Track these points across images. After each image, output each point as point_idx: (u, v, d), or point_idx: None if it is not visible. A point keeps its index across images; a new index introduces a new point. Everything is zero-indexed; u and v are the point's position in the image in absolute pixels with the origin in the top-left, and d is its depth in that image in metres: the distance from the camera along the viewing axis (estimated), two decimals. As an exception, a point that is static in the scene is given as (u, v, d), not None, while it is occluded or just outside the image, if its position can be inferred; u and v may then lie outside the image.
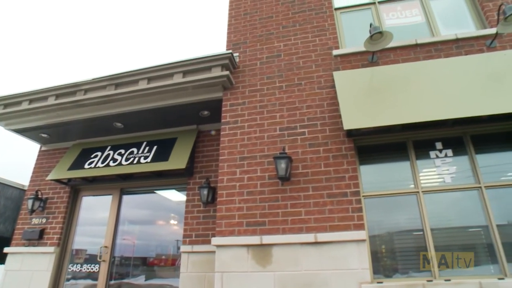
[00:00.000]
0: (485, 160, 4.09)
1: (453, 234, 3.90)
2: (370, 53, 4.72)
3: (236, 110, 4.84)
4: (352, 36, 5.21)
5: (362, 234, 3.78)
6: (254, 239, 3.99)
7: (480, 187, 3.92)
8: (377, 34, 4.25)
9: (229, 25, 5.63)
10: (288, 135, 4.49)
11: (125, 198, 6.05)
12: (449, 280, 3.53)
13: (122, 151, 5.85)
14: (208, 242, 4.79)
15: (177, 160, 5.24)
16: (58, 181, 6.00)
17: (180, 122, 5.78)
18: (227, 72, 4.82)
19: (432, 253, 3.72)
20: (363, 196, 4.08)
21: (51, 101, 5.56)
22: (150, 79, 5.18)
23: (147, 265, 5.66)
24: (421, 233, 3.85)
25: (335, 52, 4.90)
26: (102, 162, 5.75)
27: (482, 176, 3.98)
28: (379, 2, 5.50)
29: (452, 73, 4.26)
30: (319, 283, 3.68)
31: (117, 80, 5.30)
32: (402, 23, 5.25)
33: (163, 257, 5.70)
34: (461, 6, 5.24)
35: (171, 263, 5.53)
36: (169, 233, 5.83)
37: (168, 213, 5.98)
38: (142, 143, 5.86)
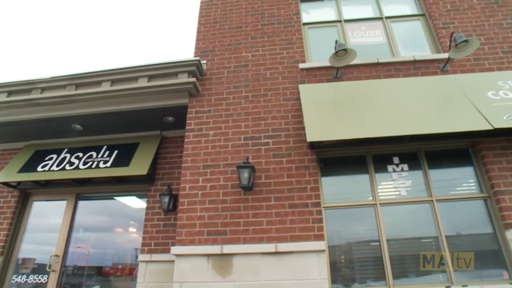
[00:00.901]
0: (437, 175, 4.35)
1: (407, 244, 4.08)
2: (334, 69, 4.88)
3: (202, 117, 4.80)
4: (318, 51, 5.38)
5: (322, 245, 3.84)
6: (215, 249, 3.94)
7: (432, 200, 4.15)
8: (341, 51, 4.41)
9: (198, 32, 5.61)
10: (252, 145, 4.51)
11: (81, 203, 5.75)
12: (403, 289, 3.69)
13: (80, 154, 5.58)
14: (168, 251, 4.66)
15: (139, 166, 5.09)
16: (6, 184, 5.59)
17: (144, 127, 5.63)
18: (193, 79, 4.79)
19: (387, 263, 3.86)
20: (323, 207, 4.17)
21: (3, 98, 5.20)
22: (113, 81, 5.02)
23: (102, 274, 5.38)
24: (378, 243, 3.99)
25: (302, 65, 5.03)
26: (58, 166, 5.45)
27: (434, 190, 4.22)
28: (345, 21, 5.74)
29: (409, 92, 4.51)
30: (279, 293, 3.69)
31: (78, 80, 5.08)
32: (366, 42, 5.50)
33: (120, 266, 5.46)
34: (418, 30, 5.59)
35: (128, 273, 5.30)
36: (127, 241, 5.61)
37: (127, 221, 5.76)
38: (102, 147, 5.63)
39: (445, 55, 4.88)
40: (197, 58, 4.88)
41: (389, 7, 5.89)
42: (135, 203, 5.77)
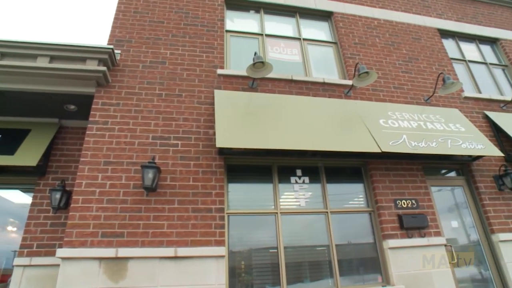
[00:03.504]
0: (333, 189, 4.79)
1: (302, 252, 4.36)
2: (251, 79, 5.04)
3: (108, 110, 4.47)
4: (238, 60, 5.51)
5: (222, 250, 3.88)
6: (109, 252, 3.67)
7: (327, 212, 4.55)
8: (259, 63, 4.57)
9: (115, 19, 5.25)
10: (160, 145, 4.36)
11: None
12: (293, 294, 3.93)
13: None
14: (54, 254, 4.21)
15: (27, 156, 4.48)
16: None
17: (38, 113, 5.00)
18: (104, 68, 4.44)
19: (283, 269, 4.07)
20: (227, 213, 4.23)
21: None
22: (4, 55, 4.36)
23: (-37, 283, 4.56)
24: (276, 250, 4.19)
25: (220, 71, 5.08)
26: None
27: (329, 202, 4.63)
28: (266, 35, 5.98)
29: (316, 111, 4.89)
30: (173, 299, 3.60)
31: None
32: (283, 58, 5.81)
33: (-11, 271, 4.70)
34: (330, 56, 6.14)
35: (0, 280, 4.59)
36: (3, 242, 4.85)
37: (6, 218, 4.99)
38: (-20, 129, 4.83)
39: (349, 82, 5.44)
40: (111, 46, 4.55)
41: (308, 30, 6.34)
42: (19, 197, 5.06)
